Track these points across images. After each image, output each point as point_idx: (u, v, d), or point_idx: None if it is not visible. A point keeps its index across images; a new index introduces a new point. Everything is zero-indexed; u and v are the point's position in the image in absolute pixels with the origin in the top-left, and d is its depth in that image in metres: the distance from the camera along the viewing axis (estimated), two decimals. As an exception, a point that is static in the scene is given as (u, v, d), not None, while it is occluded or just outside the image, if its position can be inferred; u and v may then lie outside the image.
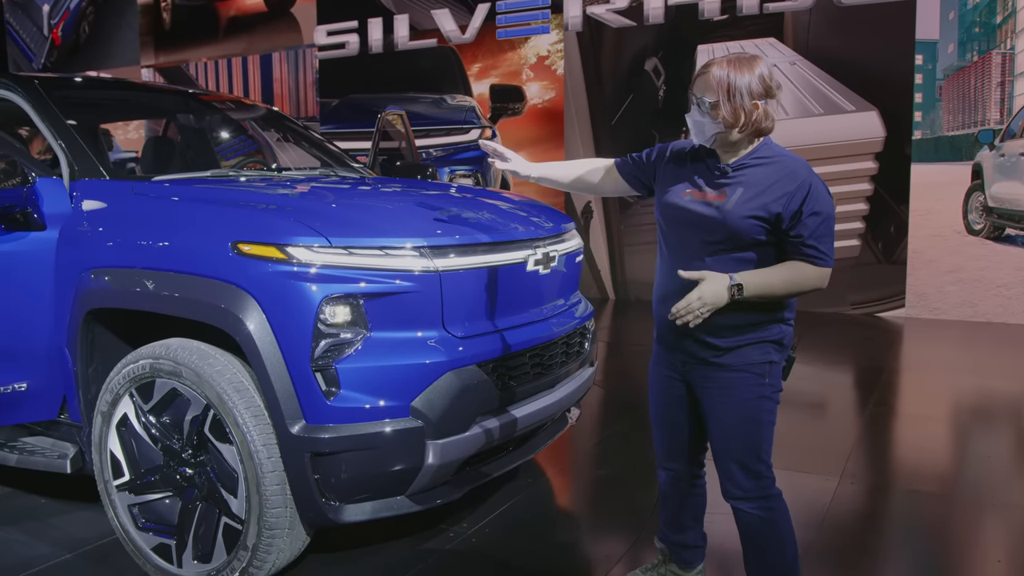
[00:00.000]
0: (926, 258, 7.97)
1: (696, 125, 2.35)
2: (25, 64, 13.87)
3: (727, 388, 2.38)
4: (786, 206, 2.26)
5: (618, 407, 5.20)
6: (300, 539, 2.73)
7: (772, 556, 2.45)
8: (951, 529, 3.38)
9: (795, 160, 2.34)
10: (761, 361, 2.36)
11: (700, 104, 2.31)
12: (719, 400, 2.40)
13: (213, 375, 2.61)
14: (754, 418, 2.37)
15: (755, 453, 2.39)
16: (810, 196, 2.26)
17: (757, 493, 2.42)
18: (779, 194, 2.27)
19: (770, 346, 2.36)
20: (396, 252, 2.67)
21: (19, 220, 3.07)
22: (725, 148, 2.38)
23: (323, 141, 4.71)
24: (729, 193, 2.32)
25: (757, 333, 2.35)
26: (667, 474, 2.69)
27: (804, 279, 2.29)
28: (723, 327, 2.33)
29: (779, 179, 2.29)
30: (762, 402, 2.37)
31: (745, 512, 2.44)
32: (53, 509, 3.51)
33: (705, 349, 2.39)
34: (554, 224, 3.37)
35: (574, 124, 9.64)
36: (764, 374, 2.37)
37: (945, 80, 7.95)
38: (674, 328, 2.40)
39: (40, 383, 3.16)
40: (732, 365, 2.36)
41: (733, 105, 2.27)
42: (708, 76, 2.29)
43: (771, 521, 2.42)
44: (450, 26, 10.24)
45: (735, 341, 2.35)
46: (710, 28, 8.73)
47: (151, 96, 4.86)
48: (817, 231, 2.27)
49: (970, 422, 4.99)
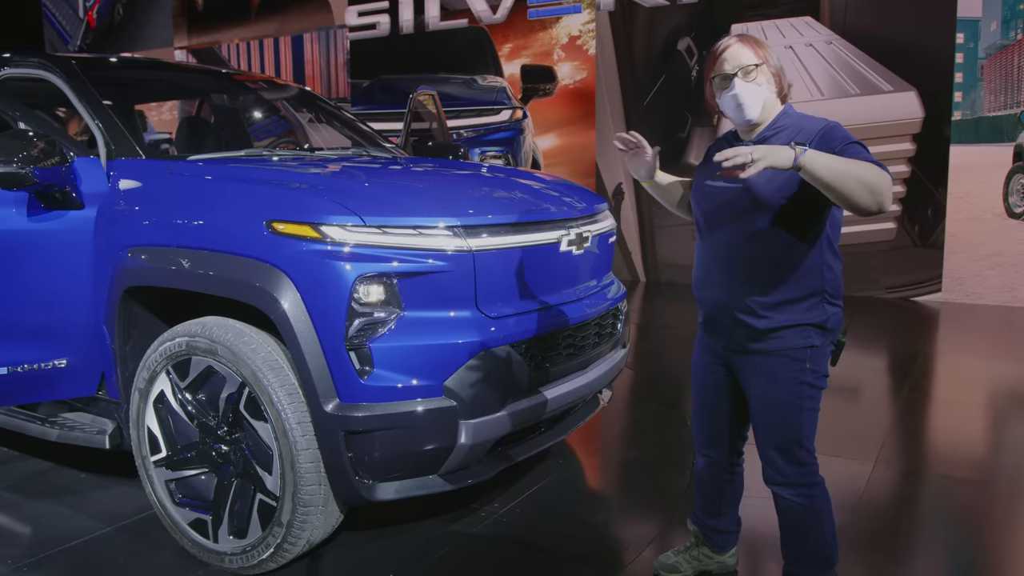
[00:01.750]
0: (964, 241, 7.82)
1: (745, 96, 2.27)
2: (61, 46, 14.03)
3: (767, 373, 2.35)
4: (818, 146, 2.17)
5: (649, 389, 5.18)
6: (334, 516, 2.75)
7: (811, 543, 2.42)
8: (985, 515, 3.33)
9: (810, 117, 2.30)
10: (802, 346, 2.31)
11: (741, 73, 2.27)
12: (759, 385, 2.37)
13: (248, 353, 2.63)
14: (794, 404, 2.33)
15: (796, 439, 2.36)
16: (834, 133, 2.20)
17: (798, 480, 2.38)
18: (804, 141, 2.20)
19: (811, 329, 2.31)
20: (429, 231, 2.67)
21: (58, 199, 3.11)
22: (747, 129, 2.37)
23: (355, 121, 4.71)
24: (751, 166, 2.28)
25: (797, 315, 2.30)
26: (705, 460, 2.67)
27: (867, 170, 2.04)
28: (763, 305, 2.29)
29: (798, 134, 2.25)
30: (802, 388, 2.33)
31: (785, 498, 2.41)
32: (92, 483, 3.58)
33: (745, 332, 2.35)
34: (587, 204, 3.35)
35: (606, 105, 9.57)
36: (804, 359, 2.32)
37: (987, 59, 7.76)
38: (716, 311, 2.39)
39: (79, 360, 3.21)
40: (772, 350, 2.32)
41: (771, 67, 2.29)
42: (737, 47, 2.29)
43: (812, 508, 2.39)
44: (481, 6, 10.18)
45: (774, 322, 2.30)
46: (745, 7, 8.59)
47: (185, 76, 4.90)
48: (861, 154, 2.13)
49: (1007, 408, 4.91)
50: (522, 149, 9.78)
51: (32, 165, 2.92)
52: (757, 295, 2.30)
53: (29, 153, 2.92)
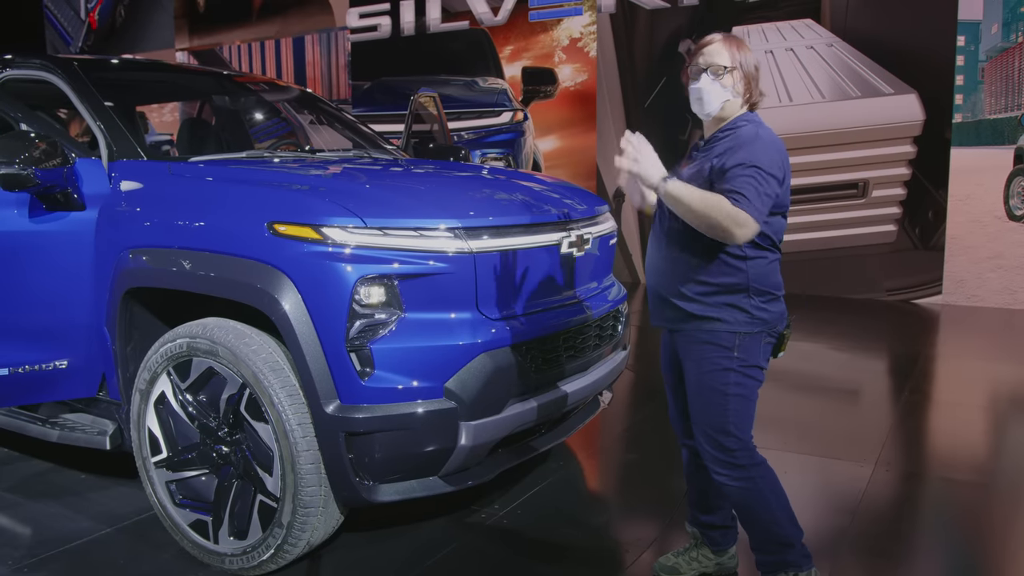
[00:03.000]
0: (964, 244, 7.82)
1: (707, 93, 2.37)
2: (62, 47, 14.04)
3: (696, 359, 2.44)
4: (716, 163, 2.31)
5: (649, 391, 5.18)
6: (334, 517, 2.75)
7: (762, 524, 2.49)
8: (986, 517, 3.33)
9: (744, 140, 2.32)
10: (727, 331, 2.38)
11: (711, 71, 2.35)
12: (690, 371, 2.47)
13: (249, 354, 2.64)
14: (718, 390, 2.40)
15: (722, 426, 2.42)
16: (737, 151, 2.28)
17: (729, 464, 2.44)
18: (718, 155, 2.34)
19: (740, 315, 2.38)
20: (430, 233, 2.68)
21: (59, 200, 3.11)
22: (707, 125, 2.46)
23: (356, 123, 4.71)
24: (702, 163, 2.40)
25: (724, 303, 2.38)
26: (687, 451, 2.74)
27: (717, 204, 2.22)
28: (689, 291, 2.40)
29: (729, 147, 2.33)
30: (727, 374, 2.39)
31: (727, 484, 2.47)
32: (93, 484, 3.58)
33: (675, 312, 2.45)
34: (588, 206, 3.35)
35: (606, 107, 9.57)
36: (732, 347, 2.38)
37: (988, 62, 7.76)
38: (653, 293, 2.53)
39: (80, 361, 3.21)
40: (699, 337, 2.42)
41: (744, 73, 2.37)
42: (718, 46, 2.37)
43: (754, 490, 2.45)
44: (482, 8, 10.19)
45: (700, 308, 2.39)
46: (746, 9, 8.60)
47: (187, 78, 4.90)
48: (737, 177, 2.25)
49: (1007, 410, 4.90)
50: (523, 151, 9.79)
51: (34, 166, 2.93)
52: (682, 282, 2.41)
53: (31, 154, 2.93)
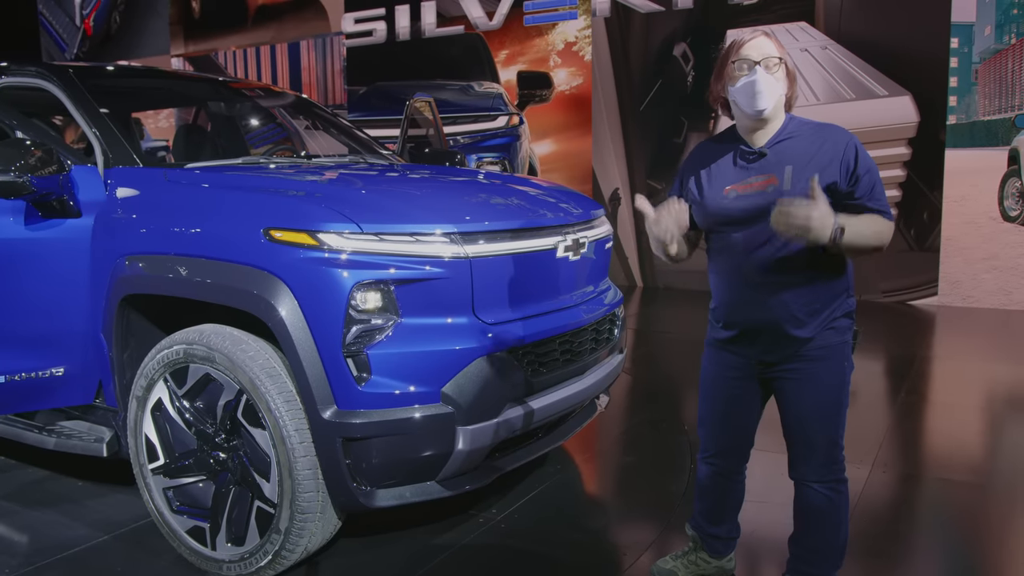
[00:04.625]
0: (960, 245, 7.84)
1: (765, 85, 2.24)
2: (57, 54, 14.04)
3: (812, 377, 2.35)
4: (840, 169, 2.22)
5: (647, 394, 5.18)
6: (332, 523, 2.75)
7: (830, 538, 2.46)
8: (983, 518, 3.34)
9: (828, 126, 2.32)
10: (840, 342, 2.35)
11: (764, 63, 2.25)
12: (803, 390, 2.36)
13: (246, 360, 2.64)
14: (837, 401, 2.37)
15: (836, 439, 2.40)
16: (859, 155, 2.24)
17: (832, 476, 2.41)
18: (829, 160, 2.23)
19: (845, 321, 2.35)
20: (426, 238, 2.68)
21: (55, 207, 3.11)
22: (755, 130, 2.33)
23: (352, 128, 4.72)
24: (779, 175, 2.26)
25: (832, 312, 2.32)
26: (711, 468, 2.65)
27: (883, 229, 2.23)
28: (806, 313, 2.29)
29: (822, 146, 2.26)
30: (845, 385, 2.38)
31: (815, 491, 2.43)
32: (90, 492, 3.57)
33: (790, 344, 2.33)
34: (583, 210, 3.36)
35: (602, 111, 9.59)
36: (844, 357, 2.36)
37: (981, 63, 7.78)
38: (754, 329, 2.35)
39: (77, 368, 3.21)
40: (815, 355, 2.33)
41: (787, 68, 2.29)
42: (762, 39, 2.28)
43: (839, 504, 2.43)
44: (477, 13, 10.21)
45: (814, 328, 2.30)
46: (740, 12, 8.63)
47: (182, 84, 4.90)
48: (876, 184, 2.25)
49: (1004, 411, 4.91)
50: (519, 155, 9.80)
51: (30, 174, 2.93)
52: (800, 305, 2.29)
53: (27, 162, 2.92)
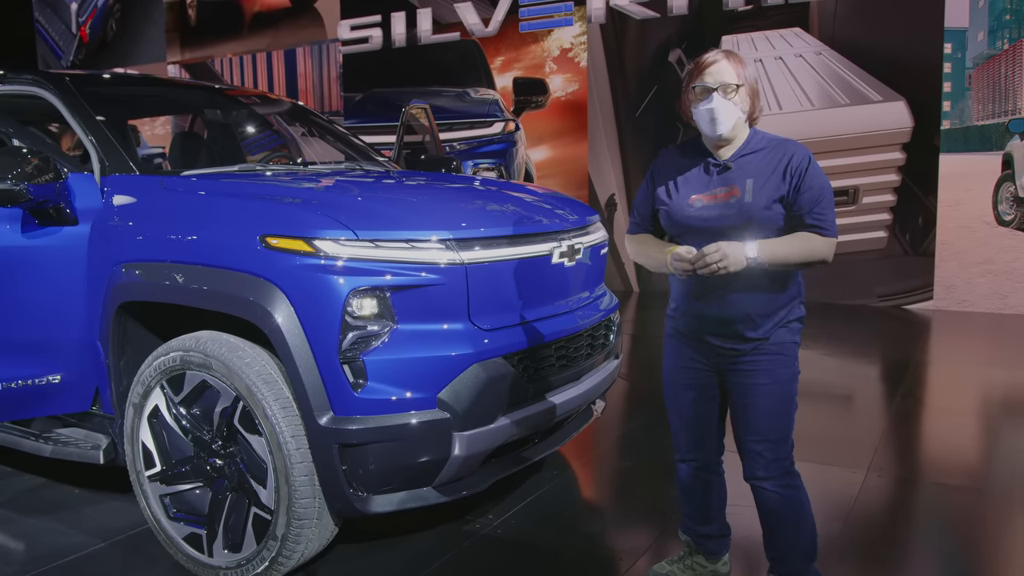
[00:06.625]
0: (955, 249, 7.87)
1: (721, 112, 2.34)
2: (54, 61, 14.05)
3: (764, 372, 2.43)
4: (790, 182, 2.33)
5: (643, 399, 5.19)
6: (328, 529, 2.76)
7: (795, 534, 2.50)
8: (979, 522, 3.35)
9: (788, 141, 2.42)
10: (791, 341, 2.45)
11: (721, 90, 2.34)
12: (755, 385, 2.44)
13: (242, 367, 2.64)
14: (787, 398, 2.45)
15: (784, 435, 2.46)
16: (809, 169, 2.33)
17: (782, 472, 2.47)
18: (782, 174, 2.34)
19: (796, 324, 2.47)
20: (422, 245, 2.69)
21: (52, 215, 3.12)
22: (719, 147, 2.43)
23: (348, 135, 4.73)
24: (740, 187, 2.36)
25: (786, 315, 2.43)
26: (690, 466, 2.70)
27: (814, 247, 2.33)
28: (757, 316, 2.40)
29: (779, 160, 2.36)
30: (793, 383, 2.46)
31: (768, 491, 2.48)
32: (86, 499, 3.57)
33: (741, 342, 2.43)
34: (579, 216, 3.37)
35: (597, 117, 9.61)
36: (795, 355, 2.46)
37: (975, 69, 7.82)
38: (711, 326, 2.45)
39: (73, 375, 3.21)
40: (768, 350, 2.42)
41: (749, 89, 2.37)
42: (724, 64, 2.36)
43: (796, 499, 2.48)
44: (473, 19, 10.24)
45: (769, 329, 2.41)
46: (735, 19, 8.66)
47: (178, 92, 4.92)
48: (820, 201, 2.32)
49: (999, 415, 4.93)
50: (515, 161, 9.82)
51: (26, 182, 2.93)
52: (754, 307, 2.39)
53: (23, 170, 2.93)
